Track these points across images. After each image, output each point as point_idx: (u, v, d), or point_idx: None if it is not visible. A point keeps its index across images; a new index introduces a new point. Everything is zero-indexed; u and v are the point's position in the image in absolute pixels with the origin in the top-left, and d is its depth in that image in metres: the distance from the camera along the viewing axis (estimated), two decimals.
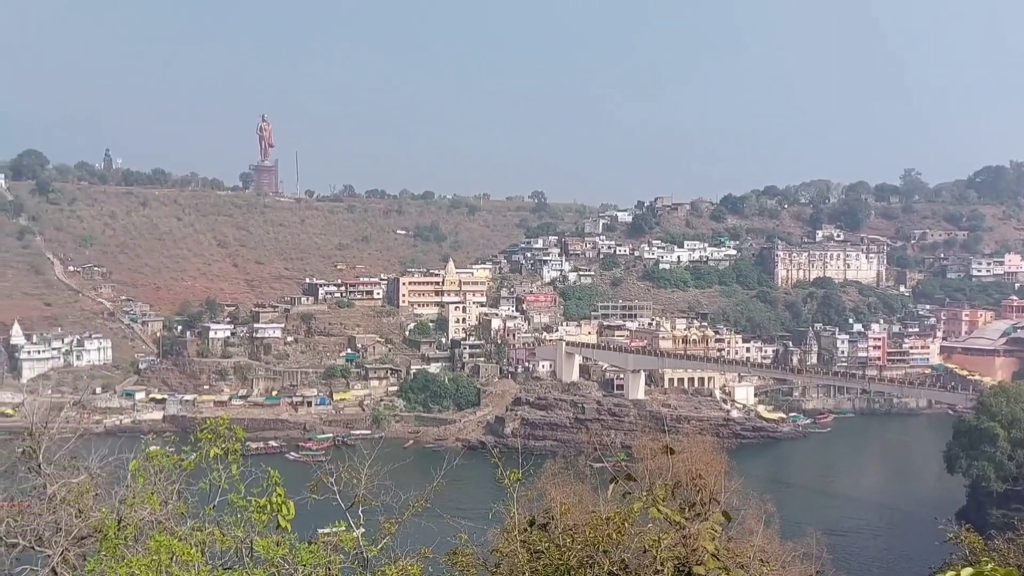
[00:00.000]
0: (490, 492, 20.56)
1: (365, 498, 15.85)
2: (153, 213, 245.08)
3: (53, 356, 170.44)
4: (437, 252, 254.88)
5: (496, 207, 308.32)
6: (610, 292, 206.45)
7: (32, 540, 15.33)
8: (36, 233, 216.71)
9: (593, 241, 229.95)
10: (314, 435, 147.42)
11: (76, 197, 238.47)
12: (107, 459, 17.91)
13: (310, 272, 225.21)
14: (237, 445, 14.03)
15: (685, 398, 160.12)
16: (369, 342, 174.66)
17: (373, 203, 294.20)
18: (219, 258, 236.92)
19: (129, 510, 14.24)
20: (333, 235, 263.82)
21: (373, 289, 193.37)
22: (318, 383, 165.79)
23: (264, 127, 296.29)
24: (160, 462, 15.12)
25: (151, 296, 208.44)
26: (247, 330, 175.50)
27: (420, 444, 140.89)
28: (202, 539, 12.73)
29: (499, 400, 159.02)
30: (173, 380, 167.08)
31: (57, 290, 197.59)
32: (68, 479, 16.65)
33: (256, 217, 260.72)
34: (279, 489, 12.74)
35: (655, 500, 10.53)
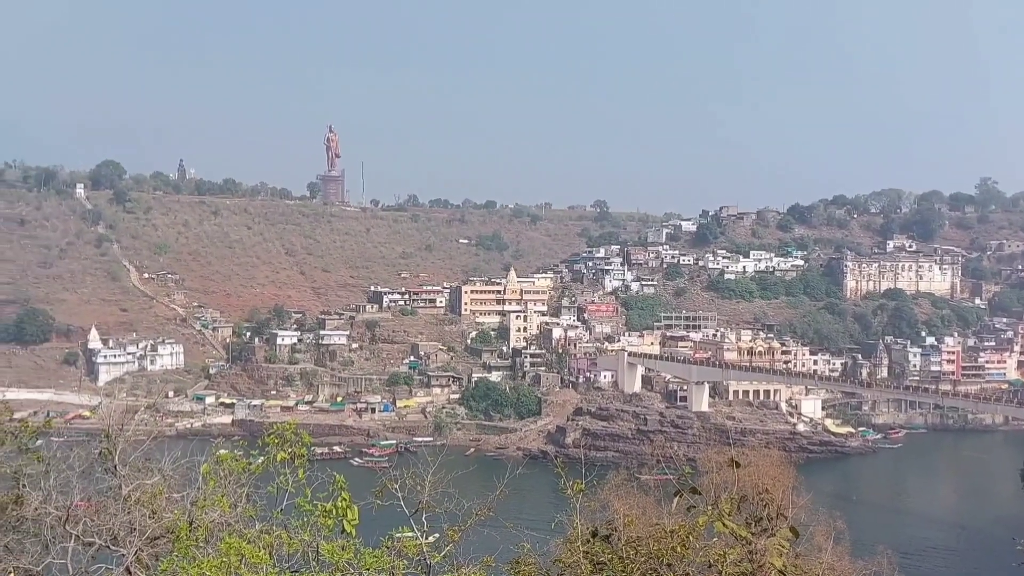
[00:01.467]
0: (551, 502, 20.53)
1: (429, 505, 15.95)
2: (224, 222, 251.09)
3: (128, 360, 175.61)
4: (499, 261, 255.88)
5: (558, 216, 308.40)
6: (673, 302, 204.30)
7: (108, 539, 15.81)
8: (113, 241, 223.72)
9: (656, 250, 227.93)
10: (377, 441, 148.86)
11: (151, 206, 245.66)
12: (179, 462, 18.39)
13: (375, 280, 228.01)
14: (304, 450, 14.28)
15: (750, 411, 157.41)
16: (432, 350, 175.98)
17: (436, 212, 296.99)
18: (287, 266, 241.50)
19: (200, 512, 14.59)
20: (397, 244, 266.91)
21: (436, 297, 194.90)
22: (382, 390, 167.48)
23: (331, 138, 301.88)
24: (230, 466, 15.46)
25: (221, 303, 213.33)
26: (313, 337, 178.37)
27: (481, 452, 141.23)
28: (270, 542, 12.98)
29: (560, 410, 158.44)
30: (242, 385, 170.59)
31: (132, 296, 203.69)
32: (142, 480, 17.14)
33: (323, 226, 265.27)
34: (344, 494, 12.91)
35: (720, 514, 10.39)
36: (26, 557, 15.87)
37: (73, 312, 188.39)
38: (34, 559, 15.91)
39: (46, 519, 16.42)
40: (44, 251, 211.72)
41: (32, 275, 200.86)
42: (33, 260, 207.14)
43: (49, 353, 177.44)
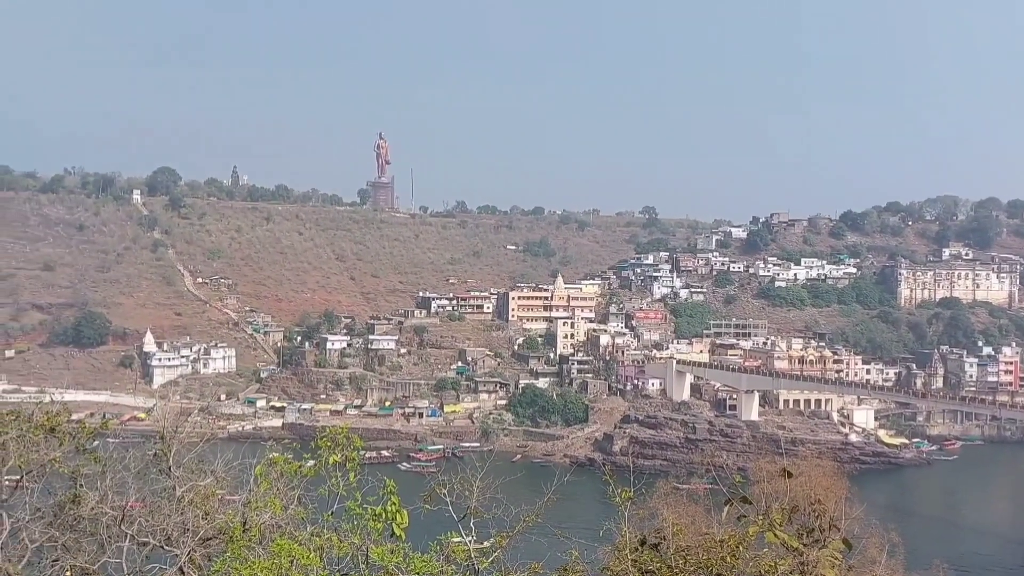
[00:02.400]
0: (599, 509, 20.41)
1: (477, 510, 15.96)
2: (276, 228, 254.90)
3: (182, 364, 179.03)
4: (546, 267, 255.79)
5: (606, 223, 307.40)
6: (723, 310, 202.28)
7: (162, 540, 16.07)
8: (168, 246, 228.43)
9: (706, 257, 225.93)
10: (425, 446, 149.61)
11: (205, 212, 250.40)
12: (231, 464, 18.67)
13: (423, 286, 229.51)
14: (355, 454, 14.38)
15: (801, 420, 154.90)
16: (479, 355, 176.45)
17: (484, 219, 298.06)
18: (337, 271, 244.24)
19: (253, 513, 14.77)
20: (445, 250, 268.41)
21: (483, 303, 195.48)
22: (429, 395, 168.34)
23: (381, 145, 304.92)
24: (282, 468, 15.64)
25: (273, 307, 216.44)
26: (362, 341, 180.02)
27: (528, 459, 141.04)
28: (320, 544, 13.09)
29: (607, 417, 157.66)
30: (292, 389, 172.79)
31: (186, 300, 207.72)
32: (195, 482, 17.41)
33: (373, 232, 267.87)
34: (394, 498, 12.98)
35: (772, 524, 10.25)
36: (83, 556, 16.18)
37: (129, 316, 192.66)
38: (90, 558, 16.22)
39: (102, 518, 16.74)
40: (102, 256, 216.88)
41: (90, 279, 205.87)
42: (91, 265, 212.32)
43: (106, 356, 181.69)
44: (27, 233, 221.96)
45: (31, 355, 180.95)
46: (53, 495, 17.69)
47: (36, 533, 16.14)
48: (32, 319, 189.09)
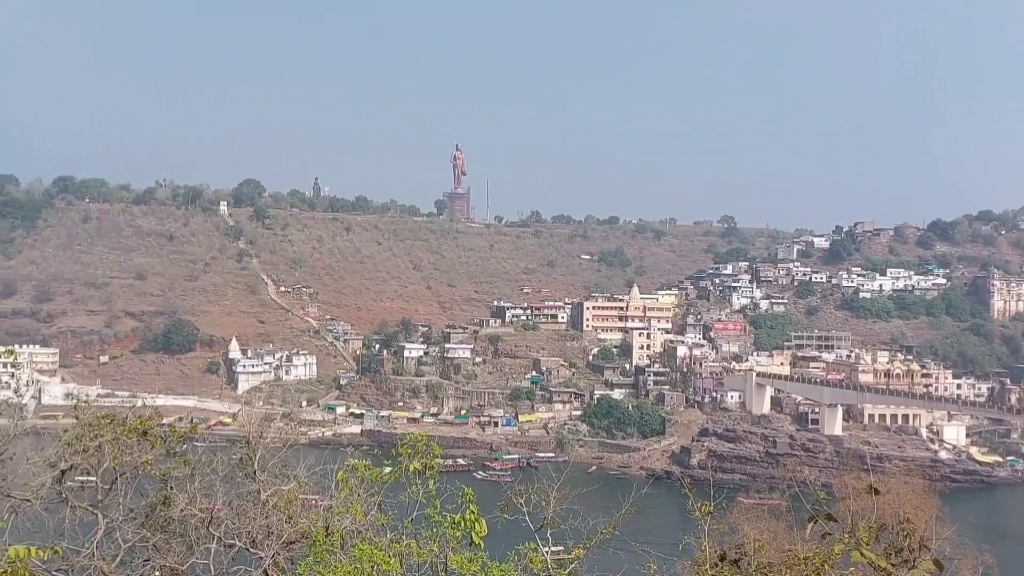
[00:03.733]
0: (677, 523, 20.18)
1: (554, 521, 15.93)
2: (356, 238, 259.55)
3: (265, 370, 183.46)
4: (622, 277, 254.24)
5: (683, 232, 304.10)
6: (805, 321, 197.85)
7: (247, 542, 16.47)
8: (253, 256, 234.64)
9: (787, 267, 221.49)
10: (500, 455, 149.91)
11: (288, 223, 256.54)
12: (313, 469, 19.04)
13: (498, 295, 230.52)
14: (435, 461, 14.52)
15: (887, 436, 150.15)
16: (553, 365, 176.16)
17: (559, 228, 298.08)
18: (414, 280, 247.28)
19: (335, 518, 15.02)
20: (520, 259, 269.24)
21: (558, 313, 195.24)
22: (504, 404, 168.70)
23: (458, 156, 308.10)
24: (362, 474, 15.89)
25: (352, 316, 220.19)
26: (439, 350, 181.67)
27: (604, 470, 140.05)
28: (400, 551, 13.24)
29: (685, 430, 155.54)
30: (370, 396, 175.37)
31: (270, 309, 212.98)
32: (279, 486, 17.79)
33: (449, 242, 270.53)
34: (473, 506, 13.05)
35: (858, 543, 9.99)
36: (172, 556, 16.66)
37: (216, 323, 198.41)
38: (179, 558, 16.70)
39: (191, 520, 17.22)
40: (190, 265, 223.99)
41: (179, 288, 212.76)
42: (180, 274, 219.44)
43: (193, 362, 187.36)
44: (121, 243, 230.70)
45: (124, 361, 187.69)
46: (145, 496, 18.28)
47: (129, 533, 16.68)
48: (125, 326, 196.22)
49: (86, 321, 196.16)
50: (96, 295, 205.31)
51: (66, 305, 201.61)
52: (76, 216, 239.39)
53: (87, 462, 17.36)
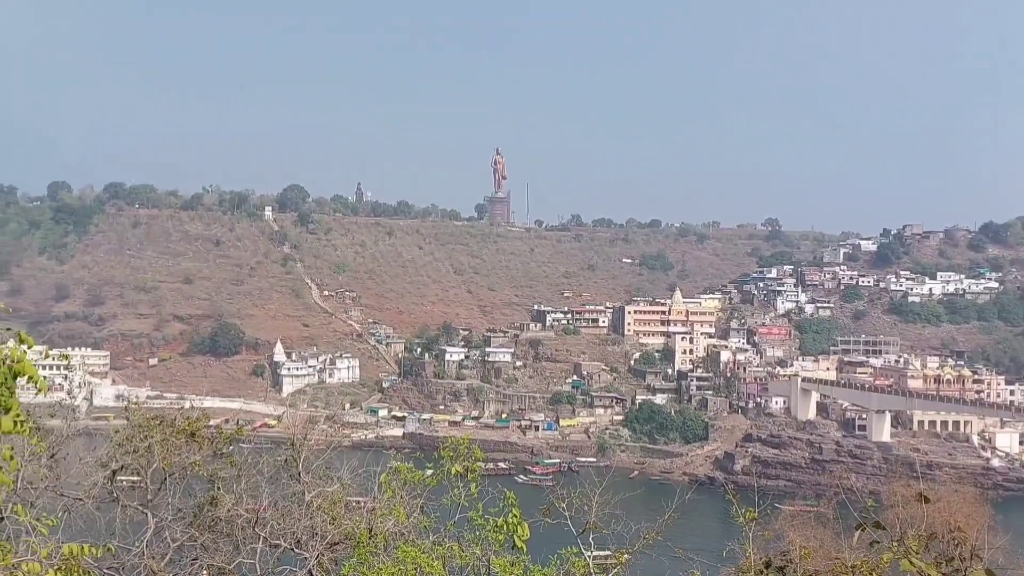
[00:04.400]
0: (720, 529, 20.00)
1: (596, 525, 15.89)
2: (398, 242, 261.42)
3: (309, 373, 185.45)
4: (663, 281, 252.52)
5: (726, 235, 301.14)
6: (851, 326, 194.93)
7: (292, 543, 16.68)
8: (297, 260, 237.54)
9: (833, 271, 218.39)
10: (541, 459, 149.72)
11: (331, 227, 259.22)
12: (356, 471, 19.23)
13: (538, 299, 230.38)
14: (478, 465, 14.57)
15: (937, 443, 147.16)
16: (594, 370, 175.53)
17: (600, 232, 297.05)
18: (455, 284, 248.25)
19: (378, 520, 15.15)
20: (561, 263, 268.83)
21: (599, 317, 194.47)
22: (545, 408, 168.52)
23: (498, 160, 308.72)
24: (405, 477, 16.01)
25: (394, 319, 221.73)
26: (479, 354, 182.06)
27: (646, 475, 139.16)
28: (443, 553, 13.30)
29: (728, 435, 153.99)
30: (412, 399, 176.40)
31: (314, 312, 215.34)
32: (323, 488, 18.00)
33: (489, 246, 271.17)
34: (515, 510, 13.07)
35: (907, 551, 9.79)
36: (219, 555, 16.93)
37: (261, 326, 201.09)
38: (226, 558, 16.96)
39: (237, 520, 17.49)
40: (236, 269, 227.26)
41: (226, 292, 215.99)
42: (227, 278, 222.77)
43: (239, 365, 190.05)
44: (169, 248, 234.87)
45: (172, 363, 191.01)
46: (193, 496, 18.62)
47: (177, 532, 17.00)
48: (173, 329, 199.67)
49: (136, 324, 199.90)
50: (145, 299, 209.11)
51: (117, 309, 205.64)
52: (126, 221, 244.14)
53: (137, 462, 17.73)
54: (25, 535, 8.71)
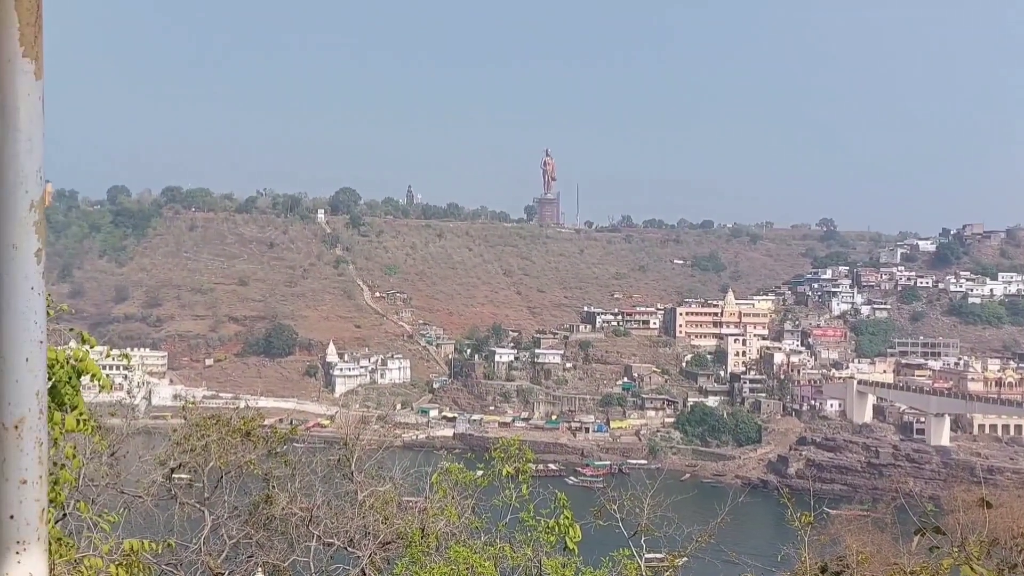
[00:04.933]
0: (774, 533, 19.69)
1: (648, 528, 15.79)
2: (447, 244, 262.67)
3: (361, 374, 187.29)
4: (716, 282, 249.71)
5: (780, 236, 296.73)
6: (909, 328, 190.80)
7: (345, 541, 16.87)
8: (349, 262, 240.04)
9: (890, 272, 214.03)
10: (591, 461, 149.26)
11: (383, 230, 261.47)
12: (408, 471, 19.37)
13: (588, 301, 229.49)
14: (529, 466, 14.57)
15: (999, 447, 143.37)
16: (645, 372, 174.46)
17: (651, 233, 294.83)
18: (504, 286, 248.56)
19: (430, 520, 15.24)
20: (611, 265, 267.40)
21: (649, 319, 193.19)
22: (595, 410, 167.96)
23: (548, 162, 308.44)
24: (456, 477, 16.08)
25: (444, 320, 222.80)
26: (529, 355, 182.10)
27: (697, 478, 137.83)
28: (495, 554, 13.32)
29: (782, 438, 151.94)
30: (462, 400, 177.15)
31: (365, 314, 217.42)
32: (375, 487, 18.17)
33: (539, 247, 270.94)
34: (566, 512, 13.04)
35: (968, 557, 9.55)
36: (274, 553, 17.18)
37: (314, 328, 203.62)
38: (281, 555, 17.21)
39: (291, 518, 17.73)
40: (290, 271, 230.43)
41: (279, 293, 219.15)
42: (280, 280, 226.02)
43: (293, 365, 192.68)
44: (224, 250, 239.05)
45: (227, 364, 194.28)
46: (248, 495, 18.93)
47: (233, 530, 17.30)
48: (229, 330, 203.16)
49: (192, 325, 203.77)
50: (202, 300, 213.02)
51: (174, 310, 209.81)
52: (183, 224, 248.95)
53: (194, 461, 18.07)
54: (87, 531, 8.94)
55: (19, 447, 2.80)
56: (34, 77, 2.75)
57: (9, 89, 2.71)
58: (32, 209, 2.75)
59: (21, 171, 2.74)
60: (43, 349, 2.76)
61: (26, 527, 2.82)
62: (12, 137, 2.72)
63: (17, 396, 2.79)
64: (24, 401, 2.80)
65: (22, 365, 2.77)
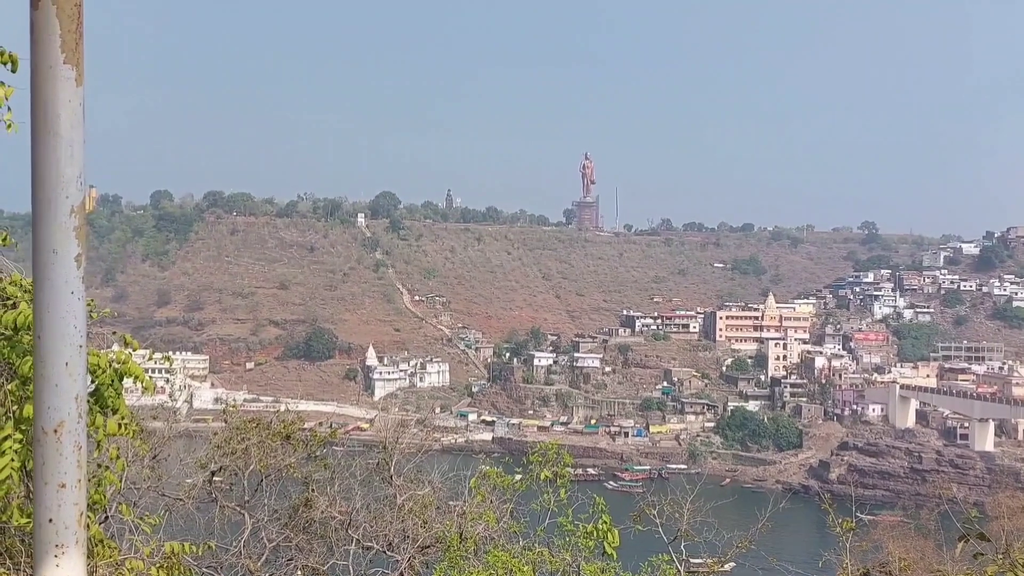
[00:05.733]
0: (815, 539, 19.44)
1: (687, 533, 15.66)
2: (486, 248, 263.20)
3: (400, 377, 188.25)
4: (756, 286, 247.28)
5: (821, 239, 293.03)
6: (952, 332, 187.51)
7: (384, 545, 16.93)
8: (389, 266, 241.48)
9: (932, 275, 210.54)
10: (631, 466, 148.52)
11: (422, 233, 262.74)
12: (447, 475, 19.40)
13: (627, 304, 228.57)
14: (567, 470, 14.52)
15: None
16: (685, 376, 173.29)
17: (690, 236, 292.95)
18: (543, 290, 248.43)
19: (468, 524, 15.24)
20: (650, 268, 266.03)
21: (689, 322, 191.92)
22: (635, 414, 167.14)
23: (587, 165, 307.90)
24: (494, 481, 16.06)
25: (483, 324, 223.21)
26: (568, 359, 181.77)
27: (738, 483, 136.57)
28: (533, 558, 13.29)
29: (823, 443, 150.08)
30: (501, 404, 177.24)
31: (405, 317, 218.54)
32: (414, 491, 18.22)
33: (577, 251, 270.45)
34: (605, 516, 12.98)
35: (1014, 564, 9.37)
36: (313, 556, 17.28)
37: (353, 331, 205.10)
38: (320, 559, 17.31)
39: (331, 522, 17.84)
40: (330, 275, 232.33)
41: (320, 297, 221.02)
42: (320, 283, 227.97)
43: (333, 369, 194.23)
44: (265, 255, 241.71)
45: (268, 367, 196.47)
46: (288, 498, 19.08)
47: (273, 533, 17.43)
48: (269, 334, 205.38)
49: (233, 329, 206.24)
50: (243, 304, 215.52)
51: (215, 314, 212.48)
52: (224, 229, 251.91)
53: (235, 464, 18.25)
54: (129, 533, 9.06)
55: (58, 451, 2.84)
56: (75, 83, 2.79)
57: (50, 95, 2.75)
58: (72, 214, 2.80)
59: (62, 177, 2.79)
60: (83, 354, 2.83)
61: (65, 531, 2.85)
62: (53, 143, 2.76)
63: (57, 400, 2.83)
64: (64, 405, 2.83)
65: (62, 369, 2.81)
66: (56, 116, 2.76)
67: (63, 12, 2.74)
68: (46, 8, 2.72)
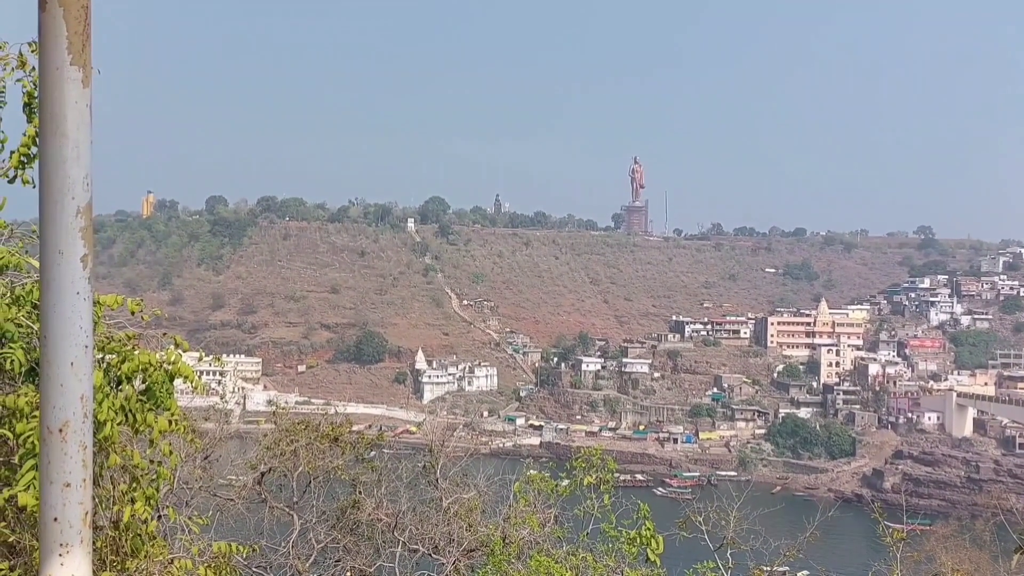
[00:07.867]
0: (866, 548, 19.11)
1: (734, 540, 15.52)
2: (534, 252, 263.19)
3: (448, 381, 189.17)
4: (808, 291, 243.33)
5: (875, 244, 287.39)
6: (1012, 339, 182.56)
7: (429, 548, 17.05)
8: (438, 271, 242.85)
9: (991, 281, 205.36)
10: (680, 472, 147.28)
11: (470, 238, 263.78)
12: (492, 479, 19.47)
13: (676, 310, 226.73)
14: (610, 476, 14.50)
15: None
16: (735, 382, 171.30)
17: (741, 241, 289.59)
18: (591, 294, 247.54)
19: (513, 529, 15.30)
20: (700, 273, 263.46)
21: (740, 328, 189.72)
22: (684, 420, 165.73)
23: (636, 169, 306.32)
24: (538, 486, 16.10)
25: (531, 329, 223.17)
26: (616, 364, 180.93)
27: (789, 491, 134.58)
28: (576, 564, 13.30)
29: (877, 452, 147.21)
30: (549, 408, 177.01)
31: (453, 321, 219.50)
32: (460, 495, 18.32)
33: (626, 256, 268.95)
34: (649, 523, 12.93)
35: None
36: (361, 558, 17.48)
37: (403, 335, 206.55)
38: (367, 560, 17.50)
39: (378, 524, 18.03)
40: (380, 279, 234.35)
41: (370, 301, 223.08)
42: (371, 288, 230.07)
43: (382, 372, 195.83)
44: (317, 259, 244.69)
45: (319, 370, 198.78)
46: (336, 499, 19.33)
47: (321, 534, 17.68)
48: (321, 337, 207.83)
49: (285, 332, 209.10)
50: (295, 308, 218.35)
51: (268, 317, 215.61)
52: (277, 234, 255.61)
53: (284, 465, 18.54)
54: (180, 533, 9.28)
55: (63, 451, 2.85)
56: (82, 85, 2.81)
57: (57, 96, 2.77)
58: (78, 215, 2.82)
59: (68, 178, 2.80)
60: (89, 354, 2.84)
61: (69, 530, 2.86)
62: (59, 144, 2.78)
63: (62, 400, 2.84)
64: (69, 405, 2.84)
65: (67, 370, 2.82)
66: (63, 117, 2.78)
67: (70, 14, 2.76)
68: (53, 10, 2.75)
